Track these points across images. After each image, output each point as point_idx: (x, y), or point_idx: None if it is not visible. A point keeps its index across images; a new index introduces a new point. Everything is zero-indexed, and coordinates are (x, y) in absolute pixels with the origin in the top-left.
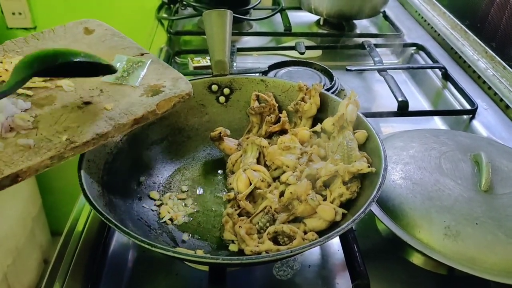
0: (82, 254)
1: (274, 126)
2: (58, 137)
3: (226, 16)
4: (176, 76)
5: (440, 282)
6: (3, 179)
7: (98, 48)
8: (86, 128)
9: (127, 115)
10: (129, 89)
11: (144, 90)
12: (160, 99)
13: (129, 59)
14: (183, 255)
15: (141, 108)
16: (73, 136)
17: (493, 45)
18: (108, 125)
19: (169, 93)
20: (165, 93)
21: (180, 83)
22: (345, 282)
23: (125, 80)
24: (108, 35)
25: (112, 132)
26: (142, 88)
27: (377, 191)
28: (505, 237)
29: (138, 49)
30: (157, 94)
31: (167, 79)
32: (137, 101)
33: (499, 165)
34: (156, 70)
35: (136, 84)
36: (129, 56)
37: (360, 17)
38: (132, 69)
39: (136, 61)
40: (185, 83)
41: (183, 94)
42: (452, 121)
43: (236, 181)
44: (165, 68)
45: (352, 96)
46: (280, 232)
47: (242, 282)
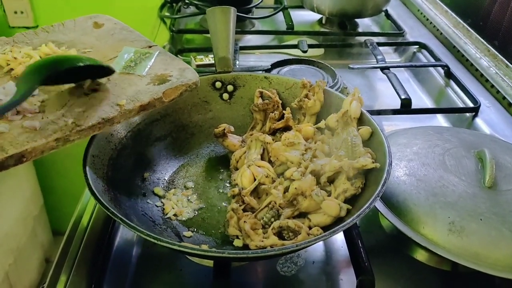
0: (86, 251)
1: (277, 122)
2: (64, 121)
3: (230, 13)
4: (183, 67)
5: (444, 278)
6: (7, 159)
7: (107, 41)
8: (92, 113)
9: (134, 101)
10: (136, 78)
11: (151, 79)
12: (167, 88)
13: (136, 50)
14: (188, 249)
15: (148, 95)
16: (79, 119)
17: (495, 43)
18: (114, 110)
19: (175, 82)
20: (172, 82)
21: (187, 73)
22: (349, 278)
23: (132, 69)
24: (117, 29)
25: (118, 117)
26: (149, 77)
27: (381, 186)
28: (509, 233)
29: (146, 41)
30: (163, 82)
31: (174, 69)
32: (143, 89)
33: (502, 162)
34: (163, 61)
35: (143, 73)
36: (137, 48)
37: (363, 16)
38: (139, 60)
39: (144, 52)
40: (192, 72)
41: (190, 83)
42: (455, 119)
43: (240, 177)
44: (172, 59)
45: (356, 93)
46: (285, 227)
47: (246, 278)
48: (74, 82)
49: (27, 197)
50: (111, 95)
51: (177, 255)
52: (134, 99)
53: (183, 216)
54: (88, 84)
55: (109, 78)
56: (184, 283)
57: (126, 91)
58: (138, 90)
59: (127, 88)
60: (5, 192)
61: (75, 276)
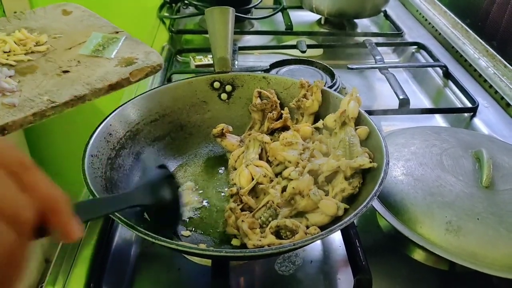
0: (85, 250)
1: (276, 122)
2: (40, 98)
3: (228, 13)
4: (148, 50)
5: (442, 277)
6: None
7: (76, 27)
8: (65, 91)
9: (103, 81)
10: (104, 60)
11: (119, 62)
12: (133, 69)
13: (104, 35)
14: (186, 248)
15: (116, 75)
16: (53, 97)
17: (494, 43)
18: (85, 89)
19: (141, 64)
20: (138, 64)
21: (152, 56)
22: (347, 278)
23: (100, 53)
24: (86, 16)
25: (89, 95)
26: (117, 60)
27: (379, 185)
28: (506, 232)
29: (113, 27)
30: (130, 64)
31: (140, 52)
32: (112, 70)
33: (500, 162)
34: (129, 45)
35: (112, 56)
36: (104, 34)
37: (361, 16)
38: (107, 44)
39: (111, 37)
40: (156, 56)
41: (154, 65)
42: (453, 119)
43: (238, 177)
44: (138, 44)
45: (354, 93)
46: (282, 226)
47: (244, 277)
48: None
49: None
50: (81, 76)
51: (175, 255)
52: (104, 79)
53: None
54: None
55: (79, 61)
56: (183, 282)
57: (96, 72)
58: (107, 71)
59: (96, 69)
60: None
61: (73, 275)
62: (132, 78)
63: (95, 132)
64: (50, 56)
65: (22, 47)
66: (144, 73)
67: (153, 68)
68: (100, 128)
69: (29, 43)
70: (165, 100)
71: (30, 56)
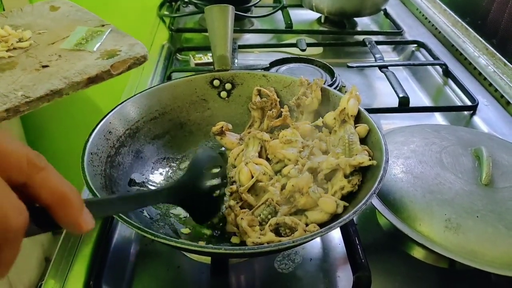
0: (84, 248)
1: (275, 120)
2: (14, 93)
3: (228, 11)
4: (133, 42)
5: (441, 275)
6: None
7: (62, 22)
8: (41, 85)
9: (81, 74)
10: (86, 54)
11: (101, 54)
12: (115, 61)
13: (89, 29)
14: (185, 245)
15: (96, 68)
16: (28, 92)
17: (494, 42)
18: (62, 83)
19: (124, 56)
20: (121, 56)
21: (136, 47)
22: (346, 275)
23: (83, 46)
24: (73, 11)
25: (66, 89)
26: (99, 53)
27: (378, 183)
28: (505, 230)
29: (100, 21)
30: (112, 57)
31: (124, 44)
32: (92, 63)
33: (499, 160)
34: (114, 38)
35: (94, 49)
36: (89, 27)
37: (361, 15)
38: (91, 37)
39: (96, 30)
40: (141, 47)
41: (138, 56)
42: (453, 117)
43: (238, 174)
44: (123, 36)
45: (354, 91)
46: (282, 224)
47: (244, 274)
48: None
49: None
50: (60, 70)
51: (175, 252)
52: (82, 72)
53: (180, 213)
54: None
55: (60, 55)
56: (182, 280)
57: (76, 65)
58: (87, 65)
59: (76, 63)
60: None
61: (73, 273)
62: (113, 71)
63: (94, 130)
64: (32, 51)
65: (3, 43)
66: (126, 65)
67: (136, 59)
68: (99, 126)
69: (11, 39)
70: (165, 98)
71: (11, 52)
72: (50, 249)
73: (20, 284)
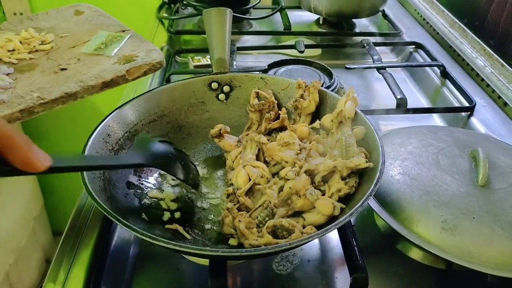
0: (84, 250)
1: (273, 123)
2: (30, 95)
3: (226, 14)
4: (151, 48)
5: (438, 276)
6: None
7: (84, 26)
8: (57, 88)
9: (97, 78)
10: (104, 58)
11: (118, 59)
12: (131, 66)
13: (109, 34)
14: (183, 248)
15: (112, 73)
16: (44, 94)
17: (491, 43)
18: (78, 86)
19: (140, 61)
20: (137, 61)
21: (153, 53)
22: (344, 277)
23: (102, 51)
24: (96, 16)
25: (81, 92)
26: (116, 58)
27: (374, 185)
28: (501, 231)
29: (121, 26)
30: (129, 62)
31: (142, 50)
32: (109, 68)
33: (496, 161)
34: (133, 43)
35: (112, 54)
36: (110, 32)
37: (360, 16)
38: (110, 42)
39: (116, 36)
40: (157, 53)
41: (154, 62)
42: (451, 118)
43: (235, 177)
44: (142, 42)
45: (351, 93)
46: (279, 226)
47: (242, 276)
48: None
49: (27, 198)
50: (77, 73)
51: (173, 254)
52: (98, 76)
53: (179, 215)
54: None
55: (79, 59)
56: (181, 281)
57: (93, 69)
58: (104, 69)
59: (94, 67)
60: (5, 193)
61: (72, 275)
62: (129, 76)
63: (93, 133)
64: (52, 54)
65: (26, 46)
66: (142, 71)
67: (152, 65)
68: (98, 129)
69: (33, 42)
70: (163, 101)
71: (33, 54)
72: (50, 251)
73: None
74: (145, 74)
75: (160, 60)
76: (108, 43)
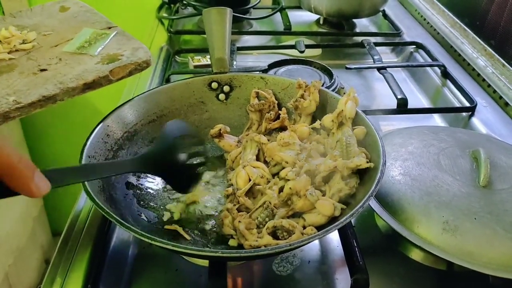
0: (82, 251)
1: (273, 123)
2: (6, 98)
3: (226, 13)
4: (137, 46)
5: (439, 277)
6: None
7: (69, 23)
8: (35, 91)
9: (78, 80)
10: (87, 58)
11: (101, 59)
12: (115, 66)
13: (94, 31)
14: (182, 249)
15: (93, 73)
16: (20, 97)
17: (492, 43)
18: (57, 88)
19: (125, 60)
20: (122, 60)
21: (139, 52)
22: (344, 278)
23: (85, 49)
24: (82, 12)
25: (60, 94)
26: (100, 57)
27: (375, 186)
28: (503, 232)
29: (107, 23)
30: (113, 61)
31: (127, 48)
32: (91, 68)
33: (497, 161)
34: (118, 41)
35: (95, 53)
36: (95, 29)
37: (360, 16)
38: (94, 40)
39: (100, 33)
40: (144, 52)
41: (139, 61)
42: (452, 118)
43: (235, 178)
44: (129, 39)
45: (351, 93)
46: (279, 227)
47: (242, 277)
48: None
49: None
50: (57, 74)
51: (173, 255)
52: (79, 77)
53: (178, 216)
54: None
55: (61, 59)
56: (180, 283)
57: (74, 70)
58: (86, 69)
59: (75, 67)
60: None
61: (71, 276)
62: (112, 76)
63: (92, 133)
64: (33, 54)
65: (6, 45)
66: (127, 71)
67: (137, 65)
68: (97, 129)
69: (14, 41)
70: (163, 101)
71: (13, 54)
72: (50, 251)
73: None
74: (130, 74)
75: (147, 59)
76: (92, 41)
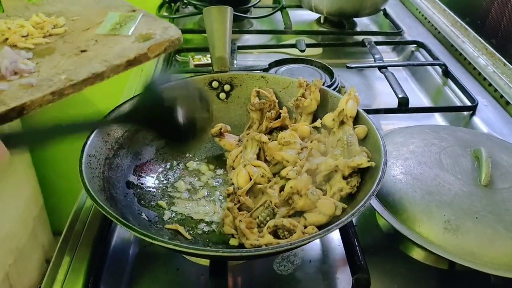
0: (83, 250)
1: (274, 122)
2: (57, 77)
3: (226, 12)
4: (166, 25)
5: (441, 276)
6: (10, 111)
7: (93, 8)
8: (83, 69)
9: (121, 57)
10: (122, 38)
11: (136, 38)
12: (151, 44)
13: (121, 14)
14: (183, 248)
15: (133, 51)
16: (71, 75)
17: (493, 42)
18: (103, 66)
19: (159, 38)
20: (156, 39)
21: (170, 30)
22: (345, 277)
23: (117, 31)
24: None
25: (107, 71)
26: (134, 37)
27: (376, 185)
28: (505, 231)
29: (130, 6)
30: (148, 40)
31: (157, 28)
32: (129, 47)
33: (499, 160)
34: (147, 22)
35: (129, 33)
36: (121, 13)
37: (361, 15)
38: (124, 22)
39: (128, 15)
40: (174, 30)
41: (173, 39)
42: (453, 117)
43: (236, 177)
44: (155, 20)
45: (352, 92)
46: (280, 226)
47: (243, 276)
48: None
49: (27, 198)
50: (99, 54)
51: (173, 254)
52: (121, 55)
53: (179, 215)
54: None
55: (97, 40)
56: (181, 282)
57: (113, 49)
58: (125, 48)
59: (114, 47)
60: (5, 193)
61: (72, 275)
62: (150, 54)
63: (93, 132)
64: (68, 37)
65: (39, 30)
66: (162, 48)
67: (171, 42)
68: (98, 128)
69: (46, 26)
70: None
71: (48, 39)
72: (50, 251)
73: (20, 285)
74: (165, 51)
75: (178, 36)
76: (122, 23)
